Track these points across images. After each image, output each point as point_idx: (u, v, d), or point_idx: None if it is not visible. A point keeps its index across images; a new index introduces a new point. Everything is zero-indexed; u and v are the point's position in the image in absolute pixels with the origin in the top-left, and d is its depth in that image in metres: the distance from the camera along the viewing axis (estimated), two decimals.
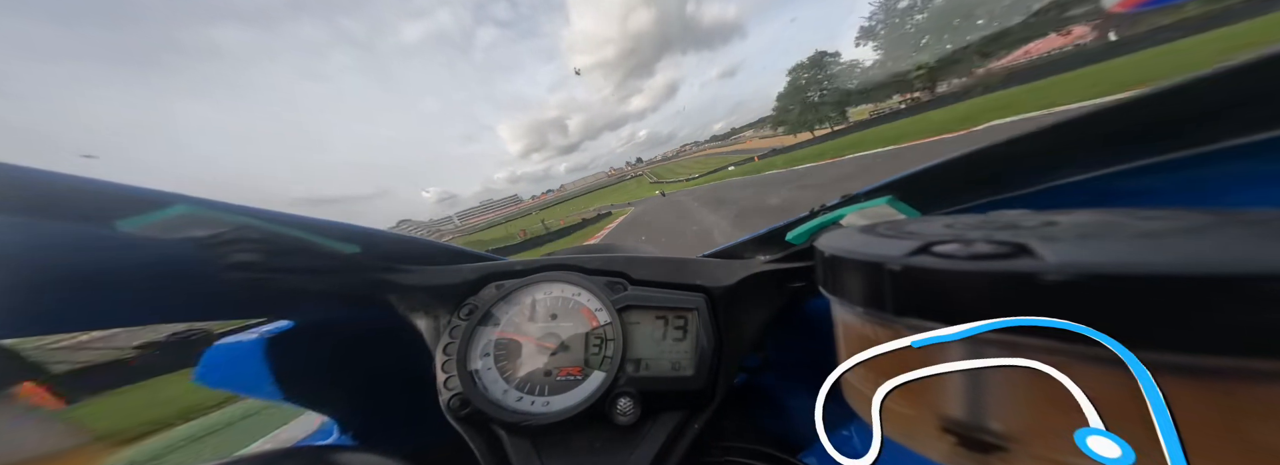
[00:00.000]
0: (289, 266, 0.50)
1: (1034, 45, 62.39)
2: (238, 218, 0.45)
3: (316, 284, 0.54)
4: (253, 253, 0.46)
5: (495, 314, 0.57)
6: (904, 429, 0.24)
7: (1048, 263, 0.17)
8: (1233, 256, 0.15)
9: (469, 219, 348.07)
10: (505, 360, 0.55)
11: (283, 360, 0.63)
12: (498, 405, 0.52)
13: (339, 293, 0.57)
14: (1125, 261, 0.16)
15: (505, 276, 0.61)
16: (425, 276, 0.60)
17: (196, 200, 0.43)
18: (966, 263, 0.19)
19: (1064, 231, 0.21)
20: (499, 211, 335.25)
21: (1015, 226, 0.24)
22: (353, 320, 0.68)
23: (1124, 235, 0.19)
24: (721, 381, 0.55)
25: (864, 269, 0.24)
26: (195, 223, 0.43)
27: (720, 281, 0.58)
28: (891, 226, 0.31)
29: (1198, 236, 0.18)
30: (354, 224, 0.56)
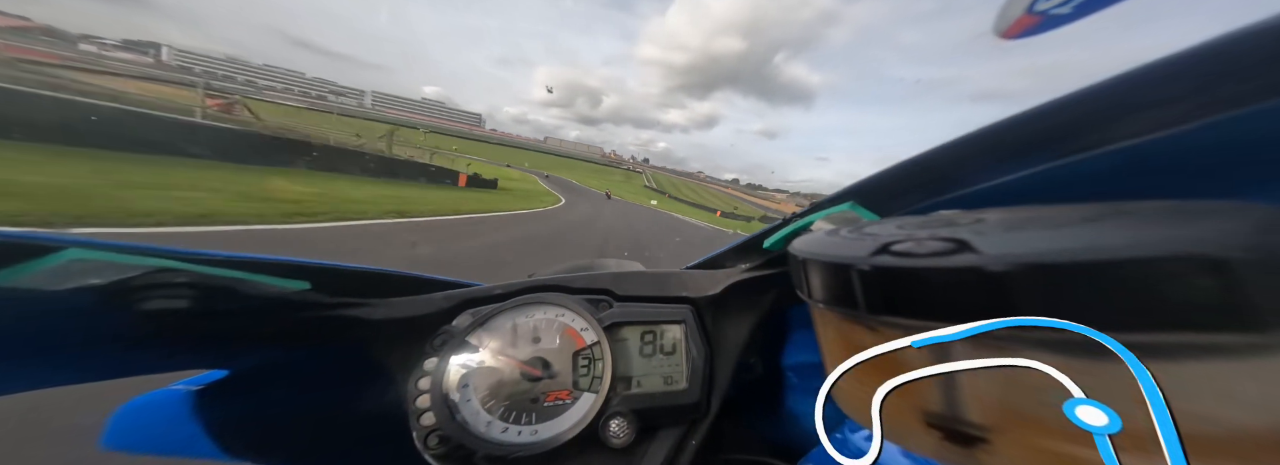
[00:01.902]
0: (221, 310, 0.44)
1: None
2: (150, 260, 0.39)
3: (257, 327, 0.48)
4: (172, 298, 0.40)
5: (472, 342, 0.54)
6: (891, 426, 0.25)
7: (986, 255, 0.20)
8: (1120, 243, 0.18)
9: (384, 109, 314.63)
10: (486, 390, 0.51)
11: (219, 412, 0.54)
12: (481, 439, 0.48)
13: (286, 334, 0.52)
14: (1043, 250, 0.19)
15: (482, 302, 0.58)
16: (391, 309, 0.55)
17: (94, 243, 0.36)
18: (921, 259, 0.22)
19: (991, 227, 0.25)
20: (430, 119, 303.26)
21: (953, 224, 0.27)
22: (304, 361, 0.60)
23: (1038, 227, 0.23)
24: (716, 393, 0.54)
25: (834, 270, 0.26)
26: (93, 270, 0.36)
27: (705, 291, 0.58)
28: (853, 229, 0.34)
29: (1093, 225, 0.22)
30: (304, 259, 0.50)
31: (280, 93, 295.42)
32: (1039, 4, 0.35)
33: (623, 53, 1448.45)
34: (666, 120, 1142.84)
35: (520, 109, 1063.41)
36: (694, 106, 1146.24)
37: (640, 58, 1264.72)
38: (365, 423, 0.60)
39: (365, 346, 0.55)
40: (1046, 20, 0.36)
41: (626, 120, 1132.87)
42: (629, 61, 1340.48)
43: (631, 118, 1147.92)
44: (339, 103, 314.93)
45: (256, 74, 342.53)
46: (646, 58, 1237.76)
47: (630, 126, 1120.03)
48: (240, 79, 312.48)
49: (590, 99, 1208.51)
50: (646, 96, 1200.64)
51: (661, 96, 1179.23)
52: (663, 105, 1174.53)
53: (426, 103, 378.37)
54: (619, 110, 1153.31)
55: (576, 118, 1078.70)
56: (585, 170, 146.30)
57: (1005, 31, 0.38)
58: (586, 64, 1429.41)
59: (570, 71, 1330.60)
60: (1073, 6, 0.35)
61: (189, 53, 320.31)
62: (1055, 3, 0.36)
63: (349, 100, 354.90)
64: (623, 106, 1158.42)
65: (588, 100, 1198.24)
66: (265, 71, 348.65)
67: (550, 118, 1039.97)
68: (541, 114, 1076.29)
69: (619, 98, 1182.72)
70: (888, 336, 0.24)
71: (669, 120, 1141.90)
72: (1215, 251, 0.16)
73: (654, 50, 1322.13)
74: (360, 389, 0.61)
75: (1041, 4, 0.36)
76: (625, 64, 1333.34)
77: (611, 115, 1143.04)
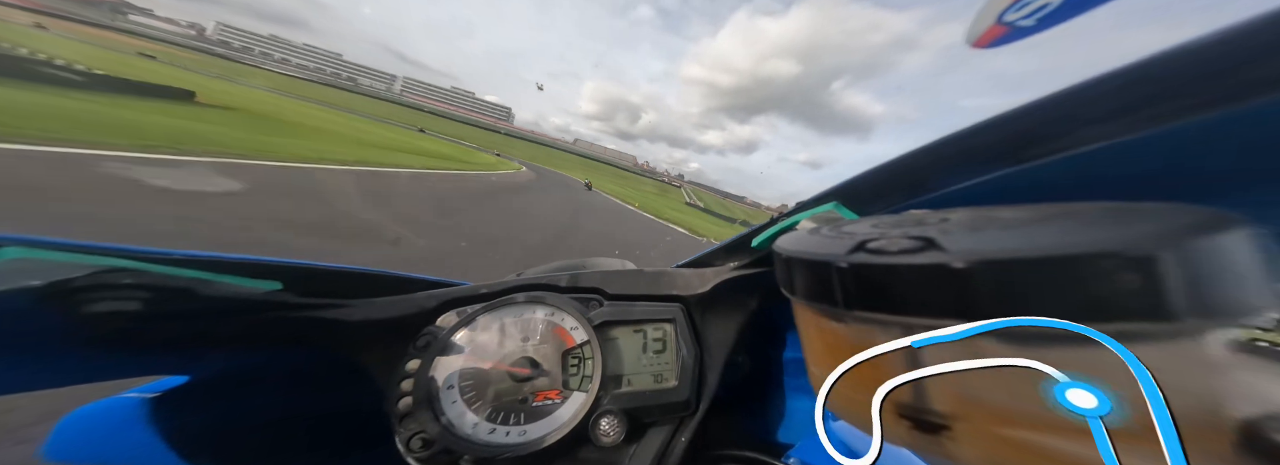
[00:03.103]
0: (178, 312, 0.42)
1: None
2: (98, 259, 0.36)
3: (220, 330, 0.46)
4: (121, 300, 0.37)
5: (458, 342, 0.53)
6: (860, 415, 0.26)
7: (950, 253, 0.21)
8: (1062, 241, 0.20)
9: (412, 95, 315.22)
10: (473, 391, 0.51)
11: (177, 419, 0.50)
12: (468, 440, 0.47)
13: (255, 338, 0.49)
14: (997, 248, 0.21)
15: (467, 302, 0.57)
16: (371, 310, 0.54)
17: (37, 241, 0.34)
18: (892, 257, 0.23)
19: (956, 226, 0.26)
20: (457, 109, 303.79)
21: (922, 223, 0.29)
22: (275, 366, 0.57)
23: (995, 227, 0.25)
24: (705, 390, 0.54)
25: (814, 267, 0.27)
26: (33, 270, 0.34)
27: (694, 289, 0.59)
28: (833, 228, 0.35)
29: (1042, 225, 0.23)
30: (276, 259, 0.48)
31: (293, 67, 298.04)
32: (1007, 15, 0.38)
33: (666, 71, 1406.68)
34: (703, 141, 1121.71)
35: (564, 120, 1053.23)
36: (734, 129, 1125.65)
37: (684, 76, 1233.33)
38: (344, 427, 0.58)
39: (343, 349, 0.53)
40: (1013, 31, 0.38)
41: (662, 138, 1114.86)
42: (671, 79, 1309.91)
43: (667, 135, 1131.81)
44: (369, 86, 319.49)
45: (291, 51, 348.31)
46: (690, 77, 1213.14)
47: (665, 144, 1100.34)
48: (256, 50, 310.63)
49: (629, 115, 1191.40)
50: (685, 115, 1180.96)
51: (701, 117, 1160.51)
52: (701, 126, 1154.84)
53: (454, 92, 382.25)
54: (655, 127, 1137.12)
55: (614, 132, 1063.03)
56: (608, 174, 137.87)
57: (976, 41, 0.40)
58: (630, 80, 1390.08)
59: (614, 87, 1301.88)
60: (1036, 19, 0.37)
61: (231, 27, 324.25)
62: (1021, 15, 0.38)
63: (378, 84, 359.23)
64: (660, 124, 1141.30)
65: (627, 116, 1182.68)
66: (301, 50, 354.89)
67: (590, 130, 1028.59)
68: (583, 126, 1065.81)
69: (657, 115, 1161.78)
70: (863, 332, 0.26)
71: (705, 141, 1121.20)
72: (1142, 249, 0.18)
73: (699, 70, 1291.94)
74: (338, 393, 0.59)
75: (1009, 15, 0.38)
76: (667, 82, 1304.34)
77: (647, 132, 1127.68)
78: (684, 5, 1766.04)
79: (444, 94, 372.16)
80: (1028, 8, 0.38)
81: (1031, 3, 0.38)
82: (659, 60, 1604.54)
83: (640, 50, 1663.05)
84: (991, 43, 0.39)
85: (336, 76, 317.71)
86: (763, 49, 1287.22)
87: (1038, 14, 0.37)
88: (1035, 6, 0.37)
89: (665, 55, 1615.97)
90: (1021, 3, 0.38)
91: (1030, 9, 0.38)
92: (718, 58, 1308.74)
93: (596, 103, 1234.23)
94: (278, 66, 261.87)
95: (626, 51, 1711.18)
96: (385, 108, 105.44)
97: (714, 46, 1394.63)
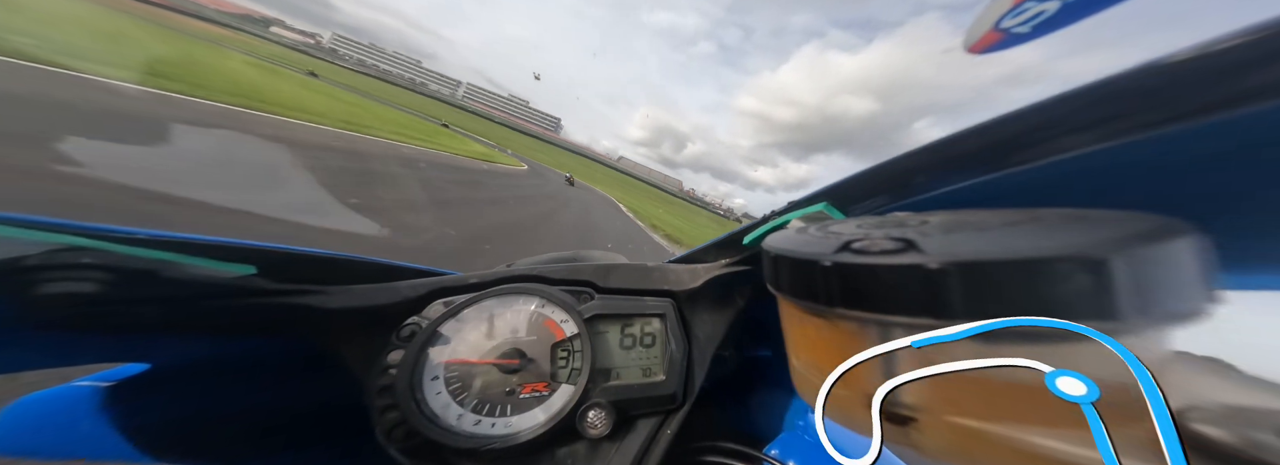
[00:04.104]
0: (139, 297, 0.39)
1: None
2: (53, 236, 0.33)
3: (186, 316, 0.44)
4: (74, 281, 0.35)
5: (443, 333, 0.52)
6: (843, 410, 0.27)
7: (927, 254, 0.22)
8: (1026, 245, 0.22)
9: (471, 101, 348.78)
10: (459, 383, 0.50)
11: (135, 409, 0.46)
12: (451, 432, 0.47)
13: (225, 324, 0.47)
14: (968, 250, 0.22)
15: (454, 291, 0.56)
16: (352, 298, 0.52)
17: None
18: (874, 257, 0.24)
19: (934, 229, 0.27)
20: (512, 117, 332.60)
21: (903, 225, 0.30)
22: (246, 354, 0.54)
23: (968, 230, 0.26)
24: (693, 384, 0.55)
25: (800, 265, 0.28)
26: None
27: (685, 285, 0.59)
28: (821, 228, 0.36)
29: (1010, 229, 0.25)
30: (251, 242, 0.45)
31: (380, 71, 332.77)
32: (1004, 22, 0.37)
33: (719, 101, 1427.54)
34: (751, 177, 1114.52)
35: (614, 143, 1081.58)
36: (788, 167, 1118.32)
37: (736, 108, 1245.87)
38: (320, 418, 0.56)
39: (322, 338, 0.52)
40: (1009, 37, 0.38)
41: (706, 169, 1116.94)
42: (723, 110, 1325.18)
43: (712, 167, 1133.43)
44: (436, 91, 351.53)
45: (380, 57, 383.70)
46: (744, 108, 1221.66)
47: (709, 175, 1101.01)
48: (353, 57, 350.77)
49: (676, 143, 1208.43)
50: (734, 147, 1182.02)
51: (752, 151, 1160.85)
52: (751, 160, 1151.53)
53: (512, 99, 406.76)
54: (701, 158, 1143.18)
55: (659, 159, 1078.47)
56: (645, 193, 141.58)
57: (972, 46, 0.39)
58: (682, 109, 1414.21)
59: (664, 115, 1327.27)
60: (1032, 26, 0.37)
61: (347, 38, 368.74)
62: (1018, 22, 0.37)
63: (443, 88, 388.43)
64: (706, 154, 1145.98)
65: (673, 144, 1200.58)
66: (390, 56, 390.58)
67: (638, 156, 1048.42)
68: (630, 151, 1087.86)
69: (704, 145, 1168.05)
70: (845, 328, 0.26)
71: (754, 177, 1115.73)
72: (1096, 253, 0.19)
73: (753, 102, 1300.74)
74: (315, 383, 0.57)
75: (1005, 22, 0.37)
76: (718, 112, 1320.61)
77: (692, 162, 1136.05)
78: (745, 40, 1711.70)
79: (503, 101, 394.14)
80: (1024, 15, 0.37)
81: (1028, 10, 0.37)
82: (712, 90, 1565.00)
83: (695, 81, 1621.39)
84: (987, 49, 0.38)
85: (412, 82, 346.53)
86: (832, 83, 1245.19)
87: (1034, 21, 0.36)
88: (1031, 13, 0.36)
89: (720, 86, 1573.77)
90: (1018, 9, 0.37)
91: (1027, 16, 0.37)
92: (777, 90, 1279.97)
93: (644, 129, 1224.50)
94: (369, 71, 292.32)
95: (680, 81, 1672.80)
96: (456, 114, 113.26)
97: (774, 79, 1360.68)
